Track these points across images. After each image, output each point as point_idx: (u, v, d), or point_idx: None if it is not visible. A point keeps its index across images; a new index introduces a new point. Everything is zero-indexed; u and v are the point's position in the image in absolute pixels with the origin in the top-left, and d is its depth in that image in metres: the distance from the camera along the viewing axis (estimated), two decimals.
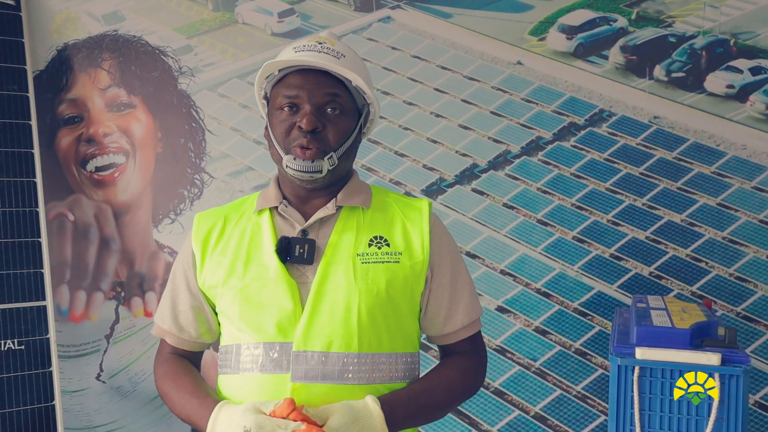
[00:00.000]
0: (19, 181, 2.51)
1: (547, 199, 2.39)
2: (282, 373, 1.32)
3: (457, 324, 1.46)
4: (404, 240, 1.42)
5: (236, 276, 1.39)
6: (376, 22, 2.56)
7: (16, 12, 2.71)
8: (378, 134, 2.54)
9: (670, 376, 1.20)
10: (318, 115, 1.36)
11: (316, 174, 1.36)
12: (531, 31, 2.42)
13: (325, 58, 1.37)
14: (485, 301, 2.43)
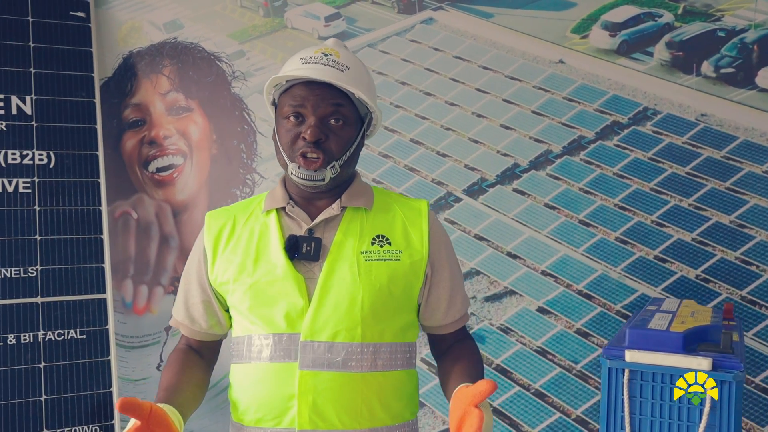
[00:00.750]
0: (84, 181, 2.68)
1: (590, 199, 2.35)
2: (290, 362, 1.42)
3: (456, 315, 1.58)
4: (405, 239, 1.51)
5: (246, 273, 1.48)
6: (418, 24, 2.59)
7: (86, 24, 2.89)
8: (420, 135, 2.56)
9: (660, 380, 1.17)
10: (321, 127, 1.43)
11: (319, 182, 1.45)
12: (573, 29, 2.38)
13: (329, 72, 1.43)
14: (526, 301, 2.41)
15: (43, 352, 2.46)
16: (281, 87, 1.50)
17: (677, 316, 1.35)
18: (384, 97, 2.61)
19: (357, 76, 1.47)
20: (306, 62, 1.46)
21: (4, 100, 2.66)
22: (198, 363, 1.59)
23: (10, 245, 2.52)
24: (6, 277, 2.48)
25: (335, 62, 1.46)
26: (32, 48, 2.76)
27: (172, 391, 1.46)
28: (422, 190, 2.54)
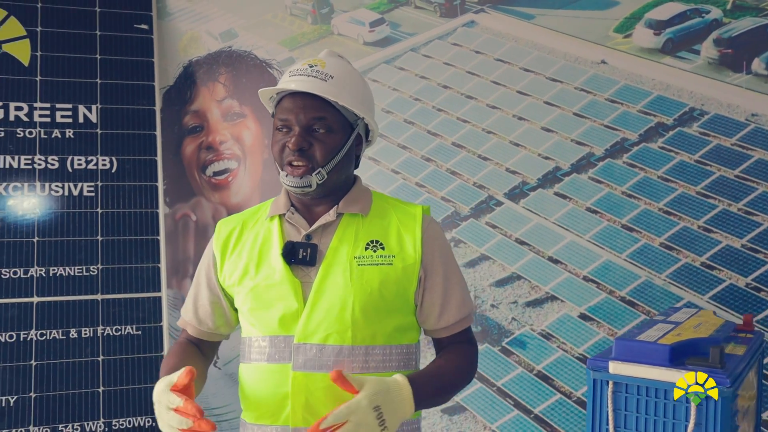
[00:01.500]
0: (143, 185, 2.83)
1: (633, 203, 2.28)
2: (284, 363, 1.47)
3: (450, 319, 1.57)
4: (398, 244, 1.54)
5: (249, 276, 1.54)
6: (460, 27, 2.58)
7: (149, 35, 3.05)
8: (461, 138, 2.56)
9: (645, 393, 1.14)
10: (305, 135, 1.47)
11: (306, 188, 1.49)
12: (616, 29, 2.32)
13: (311, 83, 1.48)
14: (567, 307, 2.36)
15: (101, 346, 2.61)
16: (275, 100, 1.56)
17: (678, 328, 1.30)
18: (426, 101, 2.62)
19: (341, 84, 1.50)
20: (293, 74, 1.51)
21: (72, 109, 2.84)
22: (198, 355, 1.64)
23: (74, 245, 2.68)
24: (70, 275, 2.65)
25: (319, 72, 1.50)
26: (99, 60, 2.93)
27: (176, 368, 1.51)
28: (463, 194, 2.54)
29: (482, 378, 2.48)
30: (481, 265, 2.50)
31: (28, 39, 2.89)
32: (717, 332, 1.29)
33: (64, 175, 2.75)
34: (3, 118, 2.76)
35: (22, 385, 2.50)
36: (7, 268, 2.59)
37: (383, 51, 2.71)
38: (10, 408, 2.47)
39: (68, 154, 2.78)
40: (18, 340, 2.54)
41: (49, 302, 2.61)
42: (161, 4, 3.15)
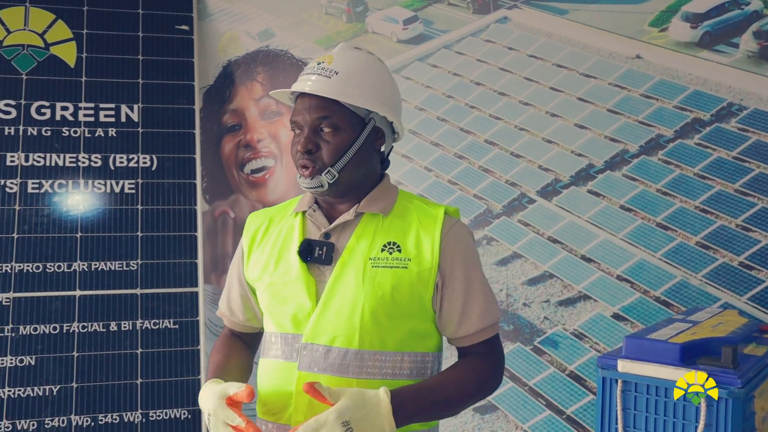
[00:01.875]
0: (182, 182, 2.89)
1: (668, 201, 2.23)
2: (292, 362, 1.47)
3: (471, 328, 1.50)
4: (416, 246, 1.48)
5: (268, 272, 1.54)
6: (493, 24, 2.56)
7: (189, 36, 3.12)
8: (494, 135, 2.54)
9: (655, 393, 1.11)
10: (312, 137, 1.45)
11: (318, 188, 1.47)
12: (651, 22, 2.27)
13: (313, 82, 1.46)
14: (600, 307, 2.32)
15: (140, 339, 2.68)
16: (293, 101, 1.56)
17: (695, 327, 1.27)
18: (459, 98, 2.61)
19: (345, 79, 1.46)
20: (303, 74, 1.50)
21: (114, 109, 2.93)
22: (242, 347, 1.66)
23: (115, 241, 2.77)
24: (110, 270, 2.73)
25: (324, 70, 1.47)
26: (141, 61, 3.01)
27: (223, 371, 1.53)
28: (496, 192, 2.52)
29: (514, 377, 2.45)
30: (513, 263, 2.48)
31: (75, 41, 2.99)
32: (736, 332, 1.25)
33: (106, 173, 2.84)
34: (50, 118, 2.87)
35: (65, 375, 2.59)
36: (51, 262, 2.69)
37: (416, 48, 2.71)
38: (53, 397, 2.56)
39: (110, 153, 2.86)
40: (61, 332, 2.63)
41: (90, 296, 2.69)
42: (201, 6, 3.21)
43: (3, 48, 2.93)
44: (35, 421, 2.53)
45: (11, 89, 2.87)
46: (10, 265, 2.65)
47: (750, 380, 1.09)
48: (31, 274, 2.66)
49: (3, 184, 2.74)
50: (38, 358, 2.58)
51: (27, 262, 2.67)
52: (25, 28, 2.97)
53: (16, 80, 2.89)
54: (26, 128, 2.82)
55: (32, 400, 2.54)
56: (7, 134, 2.81)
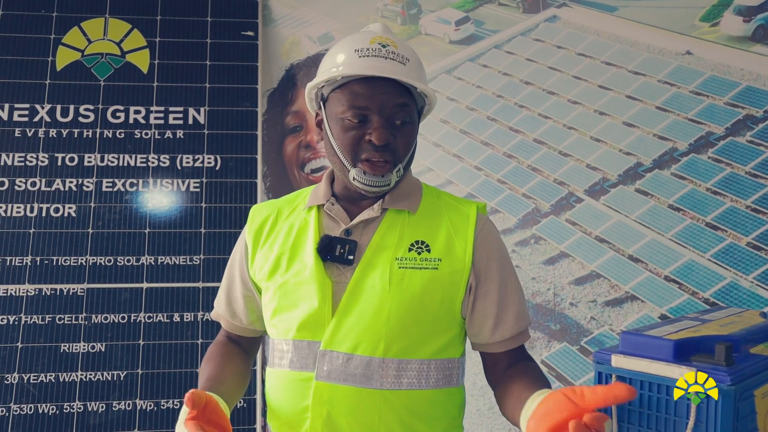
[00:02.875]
0: (243, 182, 3.03)
1: (718, 200, 2.17)
2: (307, 371, 1.33)
3: (506, 333, 1.38)
4: (446, 246, 1.36)
5: (279, 272, 1.39)
6: (542, 23, 2.55)
7: (254, 41, 3.25)
8: (543, 134, 2.53)
9: (648, 389, 1.11)
10: (388, 128, 1.31)
11: (384, 187, 1.34)
12: (702, 17, 2.21)
13: (394, 66, 1.30)
14: (648, 308, 2.28)
15: (200, 330, 2.82)
16: (334, 82, 1.35)
17: (703, 325, 1.25)
18: (508, 97, 2.61)
19: (416, 67, 1.35)
20: (364, 55, 1.31)
21: (183, 112, 3.09)
22: (239, 354, 1.51)
23: (180, 237, 2.92)
24: (175, 264, 2.89)
25: (395, 54, 1.31)
26: (208, 66, 3.17)
27: (216, 381, 1.37)
28: (544, 191, 2.51)
29: (560, 377, 2.44)
30: (560, 262, 2.47)
31: (148, 49, 3.18)
32: (744, 331, 1.23)
33: (173, 173, 3.00)
34: (123, 121, 3.06)
35: (131, 362, 2.76)
36: (122, 256, 2.87)
37: (468, 49, 2.74)
38: (120, 382, 2.74)
39: (178, 153, 3.03)
40: (129, 321, 2.81)
41: (156, 288, 2.86)
42: (266, 12, 3.34)
43: (84, 57, 3.14)
44: (104, 403, 2.71)
45: (90, 95, 3.08)
46: (85, 258, 2.85)
47: (745, 378, 1.08)
48: (104, 266, 2.85)
49: (81, 183, 2.95)
50: (108, 345, 2.77)
51: (100, 256, 2.86)
52: (104, 37, 3.18)
53: (95, 86, 3.10)
54: (102, 131, 3.02)
55: (102, 384, 2.72)
56: (85, 137, 3.01)
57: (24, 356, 2.72)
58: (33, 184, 2.92)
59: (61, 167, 2.96)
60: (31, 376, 2.70)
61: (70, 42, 3.15)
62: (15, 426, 2.64)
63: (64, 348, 2.75)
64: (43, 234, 2.86)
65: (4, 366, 2.71)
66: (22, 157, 2.95)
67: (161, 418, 2.71)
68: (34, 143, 2.98)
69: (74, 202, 2.91)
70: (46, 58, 3.10)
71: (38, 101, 3.03)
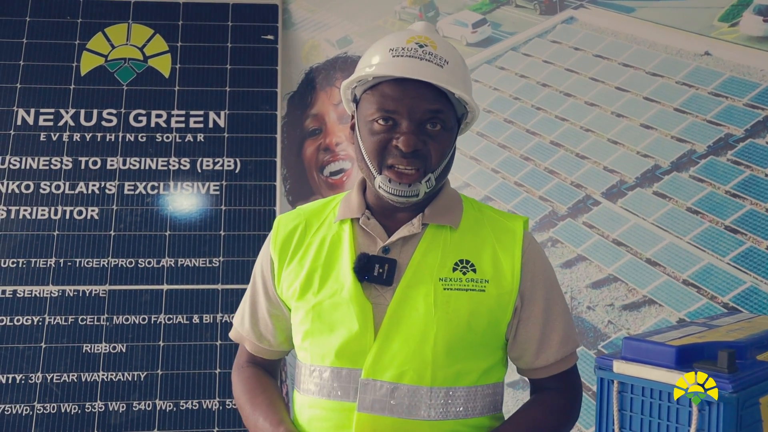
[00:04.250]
0: (262, 184, 3.05)
1: (738, 203, 2.13)
2: (348, 402, 1.24)
3: (550, 358, 1.32)
4: (493, 266, 1.28)
5: (312, 291, 1.29)
6: (560, 24, 2.54)
7: (274, 45, 3.28)
8: (560, 136, 2.51)
9: (650, 395, 1.10)
10: (418, 133, 1.23)
11: (412, 198, 1.25)
12: (721, 17, 2.18)
13: (428, 68, 1.22)
14: (665, 312, 2.26)
15: (219, 332, 2.85)
16: (366, 82, 1.27)
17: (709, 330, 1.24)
18: (525, 99, 2.60)
19: (456, 70, 1.26)
20: (398, 54, 1.23)
21: (203, 115, 3.13)
22: (274, 383, 1.44)
23: (200, 239, 2.96)
24: (195, 266, 2.92)
25: (432, 55, 1.23)
26: (228, 70, 3.20)
27: (288, 423, 1.30)
28: (561, 193, 2.49)
29: None
30: (577, 265, 2.45)
31: (170, 54, 3.22)
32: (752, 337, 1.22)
33: (194, 175, 3.04)
34: (145, 125, 3.10)
35: (151, 362, 2.80)
36: (143, 257, 2.92)
37: (485, 51, 2.73)
38: (140, 382, 2.78)
39: (198, 156, 3.07)
40: (149, 322, 2.85)
41: (176, 290, 2.90)
42: (286, 16, 3.37)
43: (108, 62, 3.20)
44: (124, 403, 2.75)
45: (113, 99, 3.13)
46: (107, 260, 2.90)
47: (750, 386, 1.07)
48: (125, 268, 2.90)
49: (103, 186, 3.00)
50: (128, 346, 2.81)
51: (121, 258, 2.91)
52: (127, 42, 3.23)
53: (118, 91, 3.15)
54: (125, 135, 3.07)
55: (122, 384, 2.77)
56: (108, 140, 3.07)
57: (47, 356, 2.78)
58: (57, 187, 2.98)
59: (84, 170, 3.01)
60: (54, 376, 2.76)
61: (94, 47, 3.21)
62: (38, 424, 2.70)
63: (86, 348, 2.80)
64: (66, 236, 2.91)
65: (29, 365, 2.77)
66: (47, 160, 3.01)
67: (180, 418, 2.75)
68: (58, 147, 3.04)
69: (97, 204, 2.96)
70: (71, 64, 3.16)
71: (63, 106, 3.09)
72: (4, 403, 2.71)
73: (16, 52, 3.14)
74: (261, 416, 1.31)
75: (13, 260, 2.87)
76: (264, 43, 3.27)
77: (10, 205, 2.94)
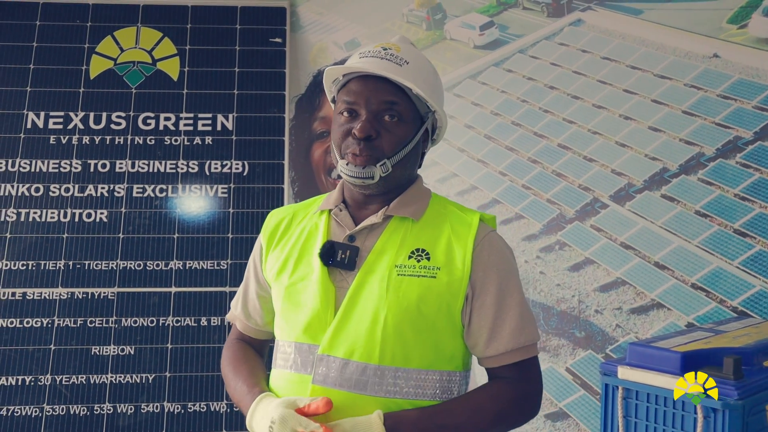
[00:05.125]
0: (270, 187, 3.06)
1: (747, 206, 2.12)
2: (306, 374, 1.35)
3: (500, 347, 1.37)
4: (446, 255, 1.37)
5: (286, 273, 1.43)
6: (567, 27, 2.53)
7: (282, 48, 3.28)
8: (568, 139, 2.51)
9: (654, 401, 1.10)
10: (373, 122, 1.35)
11: (368, 180, 1.36)
12: (730, 19, 2.16)
13: (385, 65, 1.35)
14: (674, 315, 2.24)
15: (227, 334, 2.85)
16: (339, 83, 1.42)
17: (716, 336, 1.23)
18: (533, 102, 2.59)
19: (416, 71, 1.38)
20: (364, 56, 1.38)
21: (211, 118, 3.14)
22: (258, 358, 1.56)
23: (208, 242, 2.97)
24: (203, 269, 2.93)
25: (393, 56, 1.37)
26: (236, 73, 3.21)
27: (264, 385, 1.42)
28: (568, 196, 2.48)
29: (585, 385, 2.41)
30: (585, 269, 2.44)
31: (178, 57, 3.23)
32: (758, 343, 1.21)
33: (202, 178, 3.05)
34: (154, 128, 3.12)
35: (159, 365, 2.81)
36: (151, 260, 2.93)
37: (492, 54, 2.72)
38: (149, 384, 2.79)
39: (207, 159, 3.07)
40: (157, 325, 2.86)
41: (184, 292, 2.91)
42: (294, 19, 3.37)
43: (117, 65, 3.21)
44: (133, 405, 2.76)
45: (122, 102, 3.15)
46: (116, 263, 2.91)
47: (756, 392, 1.06)
48: (133, 271, 2.91)
49: (112, 189, 3.01)
50: (137, 348, 2.82)
51: (130, 260, 2.92)
52: (136, 46, 3.25)
53: (127, 94, 3.16)
54: (133, 138, 3.09)
55: (131, 387, 2.78)
56: (117, 143, 3.08)
57: (56, 358, 2.79)
58: (66, 190, 3.00)
59: (93, 173, 3.03)
60: (63, 378, 2.77)
61: (103, 51, 3.22)
62: (47, 426, 2.71)
63: (95, 350, 2.81)
64: (75, 239, 2.93)
65: (38, 367, 2.78)
66: (56, 163, 3.03)
67: (188, 420, 2.76)
68: (67, 150, 3.05)
69: (106, 207, 2.98)
70: (80, 67, 3.18)
71: (72, 109, 3.11)
72: (14, 404, 2.73)
73: (26, 56, 3.16)
74: (240, 380, 1.45)
75: (23, 262, 2.89)
76: (272, 46, 3.27)
77: (20, 207, 2.96)
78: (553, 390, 2.47)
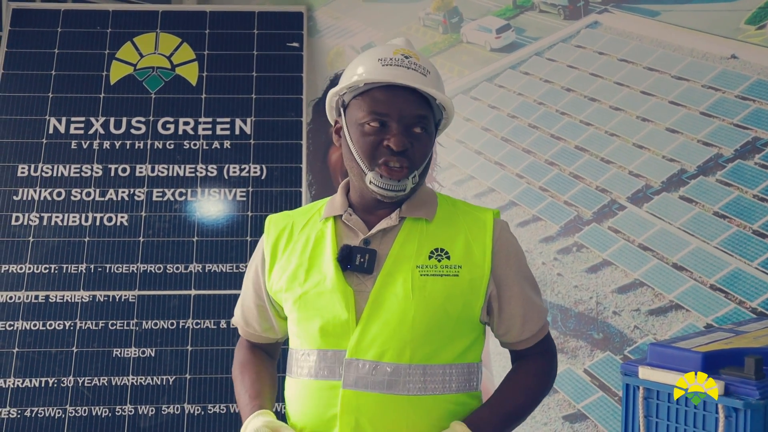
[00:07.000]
0: (288, 191, 3.08)
1: (765, 207, 2.11)
2: (334, 380, 1.36)
3: (534, 328, 1.46)
4: (465, 253, 1.41)
5: (298, 283, 1.43)
6: (584, 29, 2.53)
7: (299, 52, 3.31)
8: (585, 141, 2.51)
9: (676, 402, 1.11)
10: (407, 135, 1.36)
11: (400, 193, 1.38)
12: (748, 20, 2.16)
13: (415, 77, 1.36)
14: (692, 317, 2.24)
15: None
16: (356, 89, 1.40)
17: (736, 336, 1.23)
18: (550, 104, 2.60)
19: (436, 80, 1.41)
20: (387, 64, 1.37)
21: (230, 122, 3.17)
22: (267, 359, 1.60)
23: (226, 245, 3.00)
24: (222, 272, 2.96)
25: (417, 65, 1.37)
26: (254, 77, 3.24)
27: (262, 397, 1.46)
28: (586, 198, 2.49)
29: (604, 387, 2.41)
30: (603, 270, 2.44)
31: (197, 62, 3.27)
32: None
33: (221, 182, 3.08)
34: (173, 132, 3.15)
35: (180, 367, 2.84)
36: (171, 263, 2.96)
37: (509, 57, 2.73)
38: (169, 386, 2.82)
39: (225, 163, 3.11)
40: (177, 327, 2.89)
41: (204, 295, 2.94)
42: (312, 23, 3.40)
43: (136, 71, 3.25)
44: (154, 407, 2.79)
45: (142, 107, 3.19)
46: (136, 266, 2.95)
47: None
48: (154, 274, 2.94)
49: (132, 193, 3.05)
50: (157, 350, 2.86)
51: (150, 263, 2.95)
52: (155, 51, 3.29)
53: (146, 99, 3.20)
54: (153, 142, 3.13)
55: (151, 388, 2.81)
56: (137, 148, 3.12)
57: (79, 360, 2.83)
58: (88, 195, 3.04)
59: (114, 178, 3.07)
60: (86, 380, 2.81)
61: (123, 57, 3.27)
62: (70, 427, 2.75)
63: (116, 353, 2.85)
64: (97, 242, 2.97)
65: (61, 369, 2.82)
66: (77, 168, 3.07)
67: (208, 422, 2.78)
68: (88, 155, 3.10)
69: (126, 211, 3.02)
70: (101, 73, 3.22)
71: (93, 114, 3.15)
72: (38, 405, 2.77)
73: (48, 63, 3.21)
74: (244, 389, 1.49)
75: (46, 266, 2.93)
76: (289, 50, 3.30)
77: (42, 212, 3.00)
78: (571, 391, 2.48)
